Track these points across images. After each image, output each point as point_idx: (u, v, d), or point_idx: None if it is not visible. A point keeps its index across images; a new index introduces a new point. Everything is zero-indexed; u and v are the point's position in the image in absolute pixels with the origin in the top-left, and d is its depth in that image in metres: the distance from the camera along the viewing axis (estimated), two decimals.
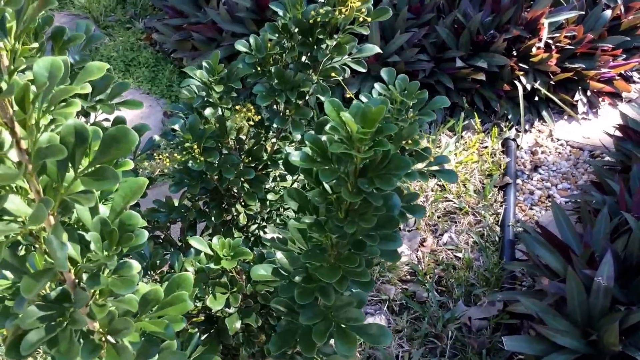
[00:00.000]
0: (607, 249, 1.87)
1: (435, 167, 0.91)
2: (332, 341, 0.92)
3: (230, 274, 0.91)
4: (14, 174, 0.50)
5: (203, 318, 0.95)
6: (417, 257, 2.32)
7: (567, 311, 1.85)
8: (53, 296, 0.64)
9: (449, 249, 2.38)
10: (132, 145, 0.58)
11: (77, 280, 0.65)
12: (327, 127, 0.69)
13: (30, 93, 0.51)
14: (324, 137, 0.70)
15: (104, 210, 0.65)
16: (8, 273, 0.64)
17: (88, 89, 0.60)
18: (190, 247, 1.07)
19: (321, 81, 0.96)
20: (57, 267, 0.55)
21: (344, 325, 0.81)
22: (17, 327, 0.63)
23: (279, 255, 0.85)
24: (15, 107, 0.51)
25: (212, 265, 0.87)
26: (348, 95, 2.66)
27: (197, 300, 0.94)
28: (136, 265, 0.66)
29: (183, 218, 1.04)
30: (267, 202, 1.06)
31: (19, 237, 0.62)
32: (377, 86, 0.91)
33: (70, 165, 0.57)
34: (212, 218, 1.01)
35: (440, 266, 2.30)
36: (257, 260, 0.94)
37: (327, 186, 0.75)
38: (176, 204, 1.07)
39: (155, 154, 1.00)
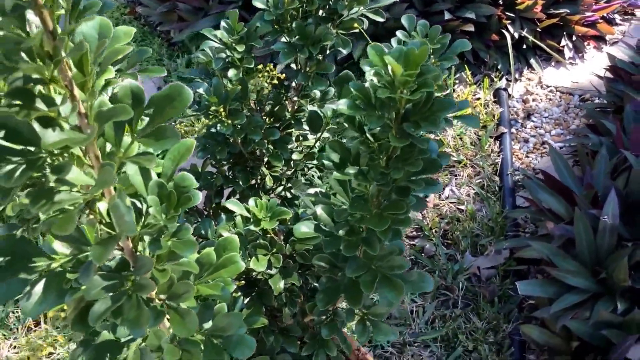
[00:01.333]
0: (610, 187, 1.90)
1: (458, 113, 0.91)
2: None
3: (269, 235, 0.90)
4: (81, 138, 0.49)
5: (244, 282, 0.95)
6: (421, 213, 2.34)
7: (575, 252, 1.88)
8: (113, 266, 0.63)
9: (451, 203, 2.39)
10: (186, 103, 0.57)
11: (134, 249, 0.64)
12: (369, 73, 0.69)
13: (88, 54, 0.49)
14: (366, 84, 0.70)
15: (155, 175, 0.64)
16: (58, 247, 0.63)
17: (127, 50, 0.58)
18: (220, 215, 1.06)
19: (341, 34, 0.95)
20: (125, 231, 0.54)
21: (388, 274, 0.82)
22: (79, 300, 0.62)
23: (319, 211, 0.85)
24: (74, 70, 0.50)
25: (252, 227, 0.87)
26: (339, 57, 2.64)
27: None
28: (191, 228, 0.65)
29: (209, 185, 1.03)
30: (292, 163, 1.05)
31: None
32: (399, 34, 0.89)
33: (127, 127, 0.56)
34: (240, 182, 1.00)
35: (444, 220, 2.32)
36: (292, 221, 0.94)
37: (369, 135, 0.74)
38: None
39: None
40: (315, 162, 1.08)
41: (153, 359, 0.66)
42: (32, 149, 0.51)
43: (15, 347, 1.90)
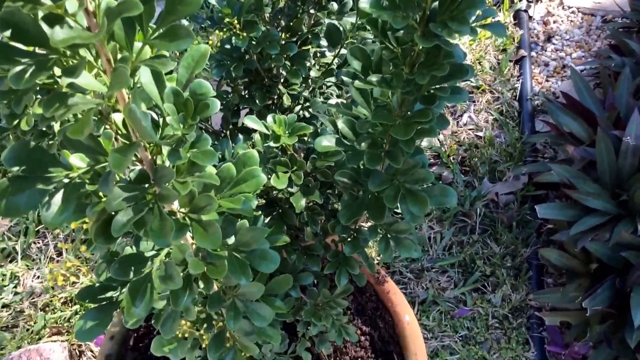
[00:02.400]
0: (634, 107, 1.85)
1: (483, 22, 0.86)
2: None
3: (289, 152, 0.88)
4: (90, 35, 0.46)
5: (264, 201, 0.94)
6: (438, 140, 2.30)
7: (595, 175, 1.85)
8: (132, 177, 0.61)
9: (469, 129, 2.36)
10: (200, 0, 0.54)
11: (153, 161, 0.62)
12: None
13: None
14: None
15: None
16: (75, 161, 0.61)
17: None
18: (237, 136, 1.04)
19: None
20: (144, 136, 0.52)
21: (412, 188, 0.79)
22: (100, 213, 0.61)
23: (340, 124, 0.82)
24: None
25: (272, 144, 0.84)
26: None
27: None
28: (210, 139, 0.63)
29: (225, 105, 1.01)
30: (310, 81, 1.02)
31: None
32: None
33: (138, 28, 0.53)
34: (256, 101, 0.97)
35: (462, 147, 2.29)
36: (312, 138, 0.91)
37: (392, 39, 0.71)
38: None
39: None
40: (333, 79, 1.05)
41: (178, 272, 0.65)
42: (41, 51, 0.49)
43: (38, 277, 1.93)
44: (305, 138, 0.93)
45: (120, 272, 0.64)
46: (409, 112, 0.76)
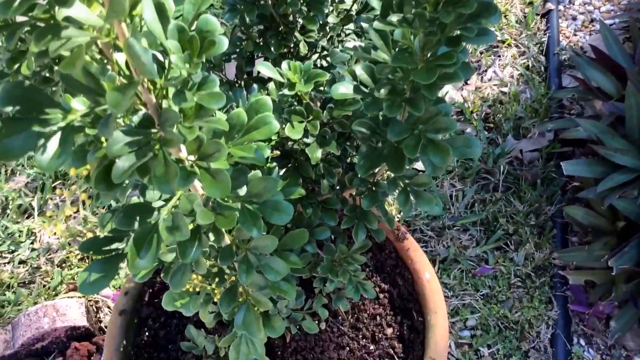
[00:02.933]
0: None
1: None
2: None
3: (305, 101, 0.84)
4: None
5: (279, 153, 0.90)
6: (462, 96, 2.24)
7: (624, 131, 1.78)
8: (136, 121, 0.57)
9: (494, 85, 2.28)
10: None
11: (158, 105, 0.58)
12: None
13: None
14: None
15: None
16: (76, 104, 0.58)
17: None
18: (251, 86, 1.00)
19: None
20: (144, 73, 0.48)
21: (433, 137, 0.75)
22: (101, 158, 0.58)
23: (359, 70, 0.77)
24: None
25: (286, 92, 0.80)
26: None
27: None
28: (217, 80, 0.59)
29: (239, 53, 0.96)
30: (327, 28, 0.97)
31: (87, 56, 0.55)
32: None
33: None
34: (272, 49, 0.93)
35: (486, 103, 2.22)
36: (329, 85, 0.87)
37: None
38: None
39: None
40: (352, 26, 1.00)
41: (185, 223, 0.62)
42: None
43: (55, 233, 1.93)
44: (322, 88, 0.88)
45: (124, 221, 0.61)
46: (431, 56, 0.72)
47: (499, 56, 2.34)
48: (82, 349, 1.66)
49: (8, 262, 1.86)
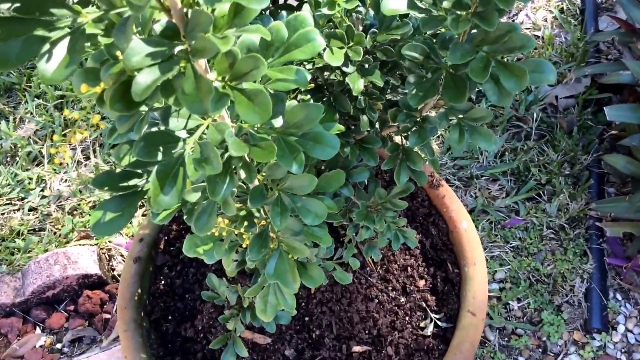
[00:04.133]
0: None
1: None
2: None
3: (346, 23, 0.73)
4: None
5: (313, 85, 0.80)
6: None
7: None
8: (158, 30, 0.47)
9: (526, 28, 2.15)
10: None
11: (184, 12, 0.48)
12: None
13: None
14: None
15: None
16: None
17: None
18: (279, 12, 0.89)
19: None
20: None
21: (506, 58, 0.65)
22: (119, 74, 0.48)
23: None
24: None
25: (325, 11, 0.70)
26: None
27: (306, 63, 0.78)
28: None
29: None
30: None
31: None
32: None
33: None
34: None
35: None
36: (374, 5, 0.76)
37: None
38: None
39: None
40: None
41: (217, 154, 0.53)
42: None
43: (66, 180, 1.85)
44: (365, 9, 0.77)
45: (146, 151, 0.52)
46: None
47: None
48: (95, 297, 1.60)
49: (18, 209, 1.79)
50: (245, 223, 0.73)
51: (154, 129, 0.61)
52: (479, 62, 0.62)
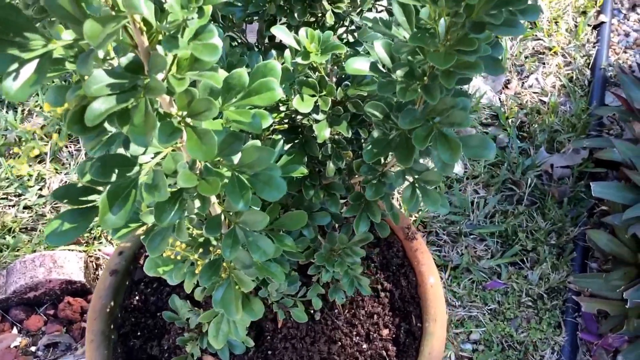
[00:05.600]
0: None
1: None
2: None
3: (320, 74, 0.78)
4: None
5: (287, 126, 0.85)
6: (499, 99, 2.15)
7: None
8: (123, 64, 0.52)
9: (534, 92, 2.19)
10: None
11: (151, 49, 0.53)
12: None
13: None
14: None
15: None
16: (66, 36, 0.53)
17: None
18: (270, 51, 0.94)
19: None
20: (128, 7, 0.43)
21: (445, 131, 0.69)
22: (81, 98, 0.53)
23: (378, 48, 0.71)
24: None
25: (299, 60, 0.75)
26: None
27: (281, 105, 0.83)
28: (217, 31, 0.54)
29: (260, 15, 0.91)
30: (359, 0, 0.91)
31: None
32: None
33: None
34: (295, 15, 0.87)
35: (523, 110, 2.13)
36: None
37: None
38: None
39: None
40: (385, 2, 0.93)
41: (165, 183, 0.57)
42: None
43: (65, 182, 1.90)
44: (341, 63, 0.82)
45: (100, 172, 0.57)
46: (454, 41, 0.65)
47: (544, 63, 2.25)
48: (76, 304, 1.63)
49: (13, 206, 1.83)
50: (200, 250, 0.77)
51: (120, 150, 0.66)
52: (424, 130, 0.67)
